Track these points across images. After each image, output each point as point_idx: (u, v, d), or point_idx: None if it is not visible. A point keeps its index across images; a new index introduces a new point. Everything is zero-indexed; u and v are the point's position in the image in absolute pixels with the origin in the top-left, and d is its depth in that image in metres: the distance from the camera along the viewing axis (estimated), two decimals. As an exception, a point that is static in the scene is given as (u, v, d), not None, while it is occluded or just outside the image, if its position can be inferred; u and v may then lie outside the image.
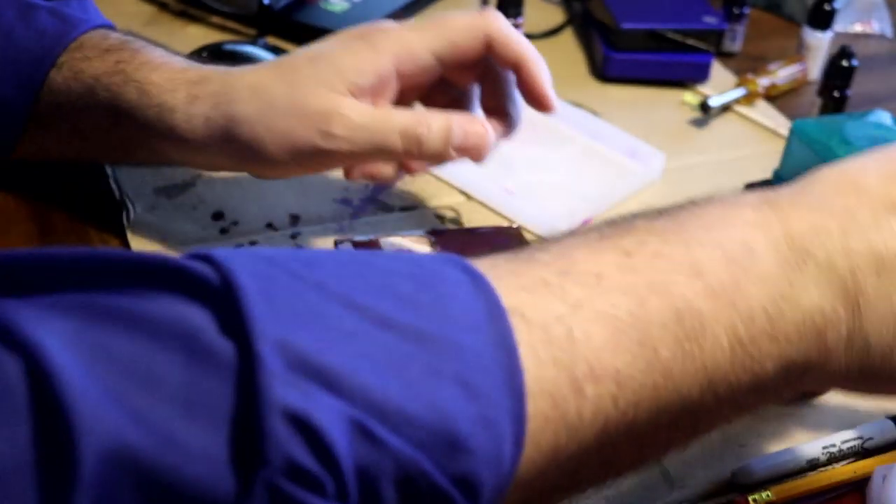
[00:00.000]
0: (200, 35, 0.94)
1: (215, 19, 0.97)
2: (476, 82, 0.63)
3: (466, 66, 0.59)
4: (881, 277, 0.40)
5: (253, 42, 0.89)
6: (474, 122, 0.55)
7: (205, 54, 0.83)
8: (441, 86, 0.62)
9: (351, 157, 0.57)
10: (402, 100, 0.60)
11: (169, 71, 0.60)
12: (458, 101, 0.64)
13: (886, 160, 0.43)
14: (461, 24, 0.57)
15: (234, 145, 0.58)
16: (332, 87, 0.55)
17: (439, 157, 0.56)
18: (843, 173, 0.43)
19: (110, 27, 0.66)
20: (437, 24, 0.57)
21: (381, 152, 0.56)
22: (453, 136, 0.54)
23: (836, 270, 0.39)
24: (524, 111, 0.90)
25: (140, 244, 0.68)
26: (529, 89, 0.55)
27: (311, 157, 0.57)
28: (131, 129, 0.61)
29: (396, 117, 0.55)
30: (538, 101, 0.55)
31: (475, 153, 0.55)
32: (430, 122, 0.55)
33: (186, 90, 0.59)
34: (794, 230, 0.40)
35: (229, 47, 0.85)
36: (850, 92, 0.90)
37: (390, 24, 0.58)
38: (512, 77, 0.61)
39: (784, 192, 0.42)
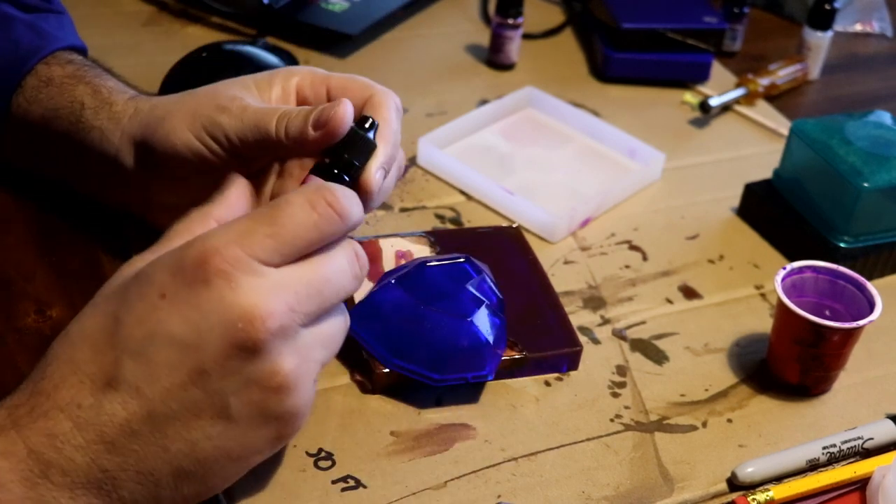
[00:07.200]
0: (200, 35, 0.94)
1: (215, 19, 0.97)
2: None
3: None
4: (115, 454, 0.43)
5: (253, 42, 0.89)
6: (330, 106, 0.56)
7: (205, 54, 0.83)
8: None
9: (239, 144, 0.58)
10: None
11: (122, 85, 0.65)
12: None
13: (97, 329, 0.44)
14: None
15: (151, 136, 0.60)
16: (243, 84, 0.60)
17: (302, 138, 0.57)
18: (62, 352, 0.44)
19: (83, 49, 0.70)
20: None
21: (261, 136, 0.57)
22: (312, 115, 0.56)
23: (80, 469, 0.43)
24: (526, 110, 0.91)
25: (140, 243, 0.68)
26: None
27: (207, 144, 0.58)
28: (70, 128, 0.63)
29: (275, 109, 0.59)
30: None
31: (331, 126, 0.56)
32: (297, 110, 0.58)
33: (135, 91, 0.64)
34: (34, 444, 0.43)
35: (229, 47, 0.85)
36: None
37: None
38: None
39: (26, 395, 0.44)
